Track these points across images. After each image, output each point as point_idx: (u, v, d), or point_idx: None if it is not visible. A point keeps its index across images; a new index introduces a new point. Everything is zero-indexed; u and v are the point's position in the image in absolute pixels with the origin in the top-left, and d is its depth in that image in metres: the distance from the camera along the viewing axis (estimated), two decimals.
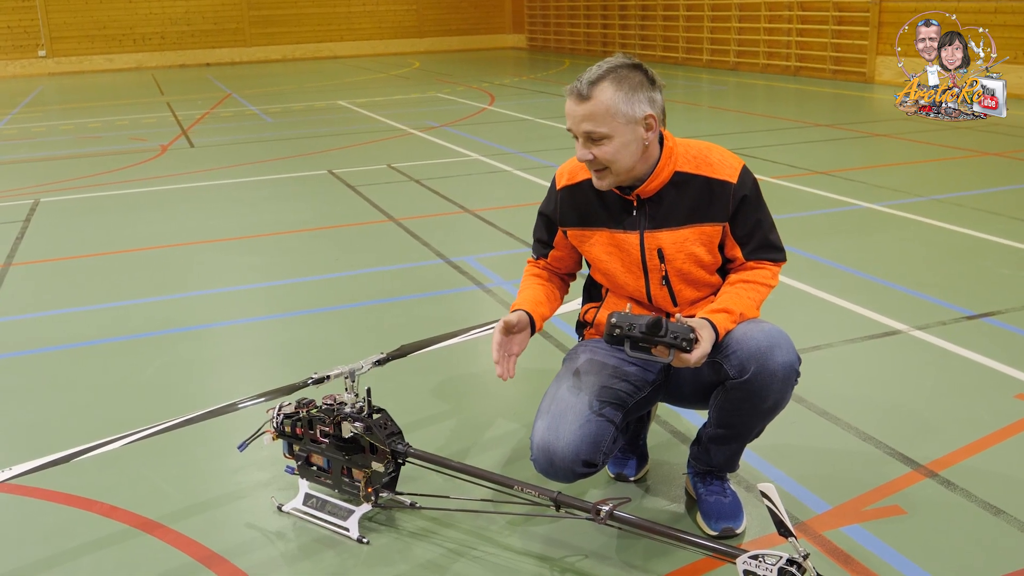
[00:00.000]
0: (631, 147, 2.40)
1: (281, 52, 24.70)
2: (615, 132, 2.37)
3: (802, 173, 7.70)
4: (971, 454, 3.03)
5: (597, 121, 2.36)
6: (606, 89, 2.35)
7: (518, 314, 2.56)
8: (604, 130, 2.37)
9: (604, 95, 2.35)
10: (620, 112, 2.36)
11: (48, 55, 22.82)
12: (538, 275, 2.78)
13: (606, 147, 2.38)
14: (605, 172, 2.44)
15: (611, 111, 2.35)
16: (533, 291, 2.71)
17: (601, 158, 2.40)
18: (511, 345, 2.55)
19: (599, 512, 2.31)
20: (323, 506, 2.76)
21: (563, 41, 24.14)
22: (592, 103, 2.36)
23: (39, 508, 2.90)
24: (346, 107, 13.49)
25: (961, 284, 4.76)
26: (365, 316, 4.66)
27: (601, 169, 2.44)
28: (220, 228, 6.57)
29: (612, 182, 2.46)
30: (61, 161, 9.73)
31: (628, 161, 2.42)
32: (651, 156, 2.46)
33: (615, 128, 2.37)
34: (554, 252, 2.75)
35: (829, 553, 2.51)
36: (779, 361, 2.38)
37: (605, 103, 2.35)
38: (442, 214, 6.70)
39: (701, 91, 14.74)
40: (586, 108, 2.37)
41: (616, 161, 2.40)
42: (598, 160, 2.41)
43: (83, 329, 4.56)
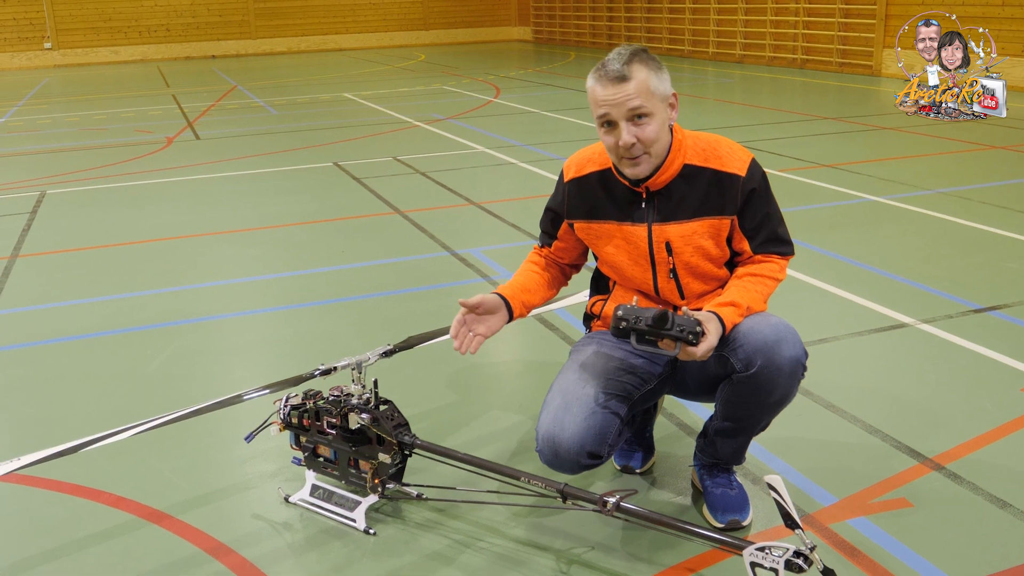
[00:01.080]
0: (665, 128, 2.42)
1: (286, 44, 24.70)
2: (655, 110, 2.38)
3: (808, 166, 7.69)
4: (978, 447, 3.03)
5: (643, 97, 2.36)
6: (641, 68, 2.36)
7: (486, 296, 2.56)
8: (648, 107, 2.37)
9: (641, 73, 2.36)
10: (657, 90, 2.38)
11: (54, 47, 22.84)
12: (535, 263, 2.79)
13: (649, 126, 2.38)
14: (644, 156, 2.42)
15: (650, 88, 2.37)
16: (523, 278, 2.72)
17: (644, 139, 2.39)
18: (477, 324, 2.54)
19: (606, 504, 2.31)
20: (330, 497, 2.76)
21: (568, 34, 24.10)
22: (634, 82, 2.35)
23: (47, 498, 2.91)
24: (351, 99, 13.48)
25: (968, 277, 4.75)
26: (371, 308, 4.66)
27: (640, 154, 2.42)
28: (226, 220, 6.57)
29: (650, 166, 2.44)
30: (67, 153, 9.74)
31: (665, 140, 2.43)
32: (667, 141, 2.46)
33: (655, 106, 2.38)
34: (558, 243, 2.75)
35: (835, 545, 2.51)
36: (786, 355, 2.37)
37: (644, 81, 2.36)
38: (448, 206, 6.69)
39: (707, 84, 14.70)
40: (629, 88, 2.35)
41: (657, 140, 2.40)
42: (641, 142, 2.39)
43: (89, 321, 4.57)
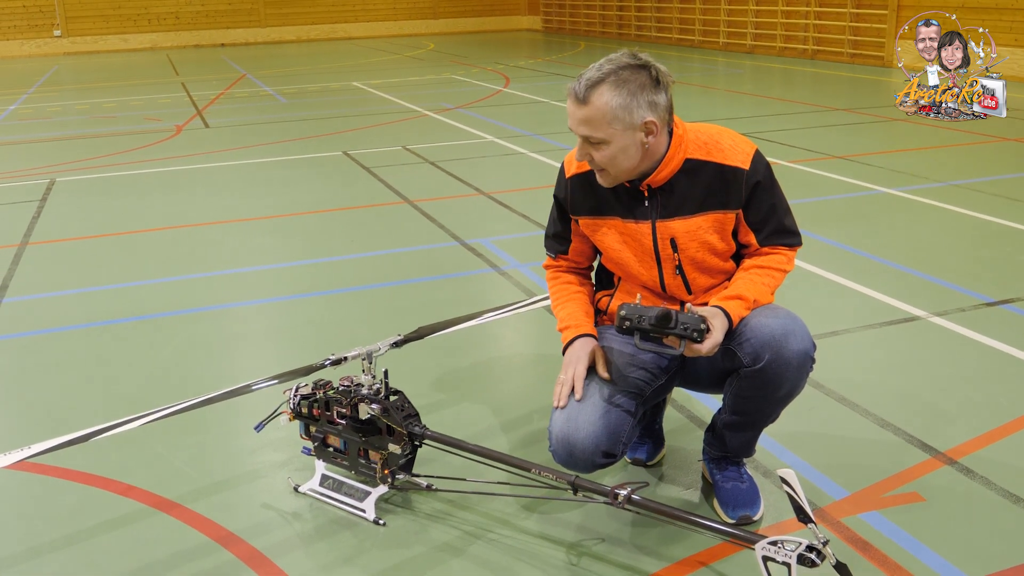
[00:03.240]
0: (629, 151, 2.34)
1: (295, 33, 24.67)
2: (612, 138, 2.31)
3: (819, 157, 7.65)
4: (990, 442, 3.01)
5: (593, 126, 2.30)
6: (604, 94, 2.28)
7: (590, 350, 2.52)
8: (600, 135, 2.31)
9: (601, 100, 2.28)
10: (617, 118, 2.29)
11: (63, 35, 22.85)
12: (569, 282, 2.70)
13: (603, 151, 2.33)
14: (604, 173, 2.40)
15: (607, 117, 2.28)
16: (582, 305, 2.65)
17: (599, 161, 2.36)
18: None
19: (617, 496, 2.30)
20: (339, 487, 2.76)
21: (579, 23, 24.02)
22: (589, 108, 2.29)
23: (57, 486, 2.92)
24: (361, 88, 13.46)
25: (980, 270, 4.72)
26: (381, 297, 4.65)
27: (600, 170, 2.40)
28: (235, 208, 6.57)
29: (611, 182, 2.42)
30: (76, 141, 9.75)
31: (626, 164, 2.37)
32: (655, 152, 2.40)
33: (612, 134, 2.30)
34: (574, 245, 2.68)
35: (847, 540, 2.50)
36: (794, 349, 2.35)
37: (601, 109, 2.28)
38: (457, 196, 6.68)
39: (717, 74, 14.65)
40: (583, 112, 2.30)
41: (612, 166, 2.36)
42: (596, 162, 2.37)
43: (99, 309, 4.57)
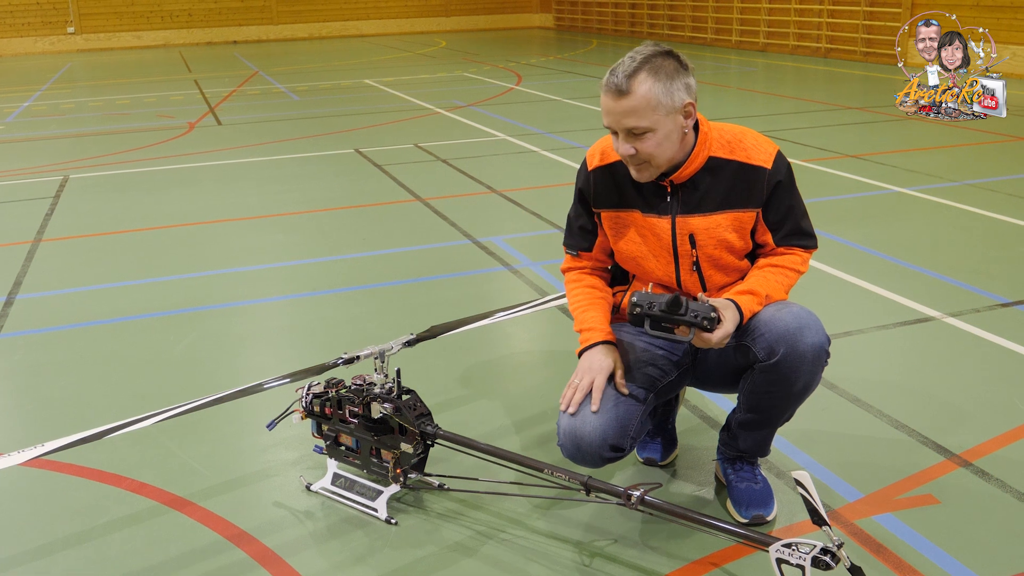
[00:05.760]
0: (672, 137, 2.36)
1: (308, 30, 24.69)
2: (657, 125, 2.32)
3: (833, 156, 7.62)
4: (1005, 443, 2.99)
5: (639, 115, 2.30)
6: (644, 81, 2.29)
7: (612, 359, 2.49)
8: (646, 124, 2.31)
9: (643, 87, 2.29)
10: (661, 104, 2.30)
11: (77, 32, 22.92)
12: (593, 286, 2.67)
13: (649, 141, 2.33)
14: (645, 166, 2.39)
15: (652, 103, 2.30)
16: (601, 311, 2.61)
17: (643, 152, 2.35)
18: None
19: (630, 497, 2.29)
20: (351, 486, 2.76)
21: (591, 21, 23.98)
22: (632, 97, 2.29)
23: (70, 483, 2.92)
24: (373, 86, 13.47)
25: (995, 271, 4.69)
26: (393, 296, 4.65)
27: (641, 163, 2.39)
28: (247, 206, 6.58)
29: (652, 174, 2.41)
30: (90, 138, 9.78)
31: (669, 152, 2.38)
32: (688, 142, 2.42)
33: (657, 121, 2.31)
34: (599, 240, 2.65)
35: (861, 542, 2.48)
36: (808, 342, 2.35)
37: (645, 96, 2.29)
38: (469, 194, 6.67)
39: (730, 72, 14.59)
40: (627, 103, 2.30)
41: (658, 154, 2.36)
42: (640, 155, 2.36)
43: (112, 306, 4.58)
